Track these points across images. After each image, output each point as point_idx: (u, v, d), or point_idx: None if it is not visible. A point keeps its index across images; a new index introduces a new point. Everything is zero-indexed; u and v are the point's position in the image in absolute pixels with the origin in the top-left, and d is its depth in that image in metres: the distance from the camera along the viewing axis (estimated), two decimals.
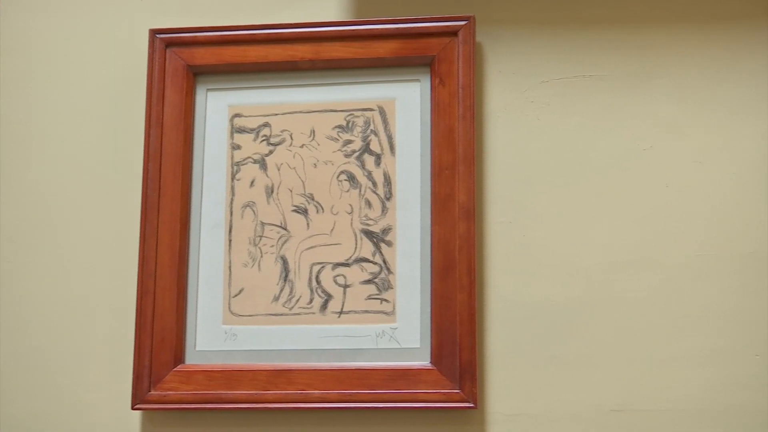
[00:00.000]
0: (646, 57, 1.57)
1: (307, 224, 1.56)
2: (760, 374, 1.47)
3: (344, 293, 1.54)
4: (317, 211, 1.56)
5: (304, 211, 1.56)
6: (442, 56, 1.56)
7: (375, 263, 1.54)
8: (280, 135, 1.59)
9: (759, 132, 1.53)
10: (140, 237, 1.56)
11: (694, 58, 1.56)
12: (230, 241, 1.57)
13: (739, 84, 1.55)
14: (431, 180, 1.54)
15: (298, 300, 1.54)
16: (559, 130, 1.56)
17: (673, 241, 1.51)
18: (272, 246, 1.56)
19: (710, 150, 1.53)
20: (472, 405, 1.47)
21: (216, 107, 1.60)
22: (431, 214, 1.53)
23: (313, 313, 1.54)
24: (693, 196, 1.52)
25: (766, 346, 1.47)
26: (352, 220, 1.55)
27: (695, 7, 1.58)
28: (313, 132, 1.58)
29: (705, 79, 1.55)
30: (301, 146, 1.58)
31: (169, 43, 1.60)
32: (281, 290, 1.55)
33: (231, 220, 1.57)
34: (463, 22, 1.56)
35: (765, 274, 1.49)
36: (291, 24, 1.59)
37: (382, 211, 1.55)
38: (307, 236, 1.56)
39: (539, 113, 1.57)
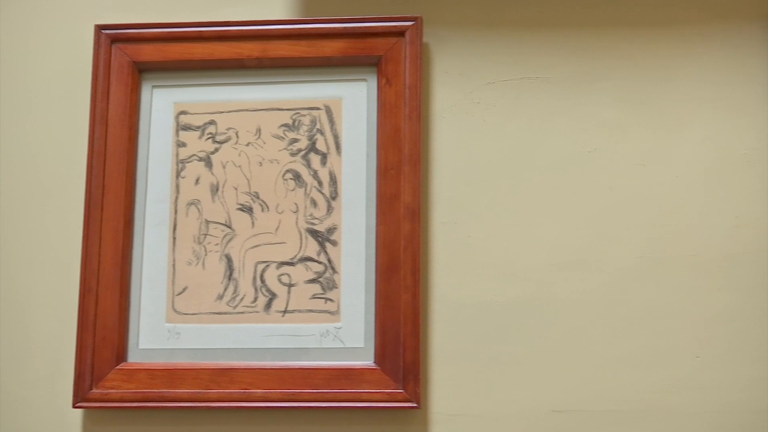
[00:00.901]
0: (591, 60, 1.59)
1: (252, 223, 1.57)
2: (700, 375, 1.50)
3: (289, 292, 1.55)
4: (262, 210, 1.57)
5: (249, 210, 1.57)
6: (389, 56, 1.57)
7: (320, 262, 1.55)
8: (225, 133, 1.59)
9: (700, 135, 1.56)
10: (83, 234, 1.56)
11: (638, 61, 1.59)
12: (174, 239, 1.57)
13: (681, 87, 1.58)
14: (377, 180, 1.55)
15: (242, 299, 1.55)
16: (504, 132, 1.58)
17: (615, 243, 1.54)
18: (217, 244, 1.57)
19: (653, 153, 1.56)
20: (415, 405, 1.48)
21: (161, 104, 1.61)
22: (376, 214, 1.54)
23: (257, 312, 1.54)
24: (636, 199, 1.55)
25: (705, 347, 1.50)
26: (297, 219, 1.57)
27: (639, 11, 1.60)
28: (259, 130, 1.59)
29: (648, 82, 1.58)
30: (247, 144, 1.59)
31: (115, 39, 1.60)
32: (225, 289, 1.55)
33: (175, 218, 1.58)
34: (410, 23, 1.58)
35: (705, 276, 1.52)
36: (238, 22, 1.60)
37: (328, 210, 1.57)
38: (251, 235, 1.57)
39: (485, 114, 1.59)
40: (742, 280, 1.52)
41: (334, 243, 1.55)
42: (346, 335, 1.53)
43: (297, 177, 1.58)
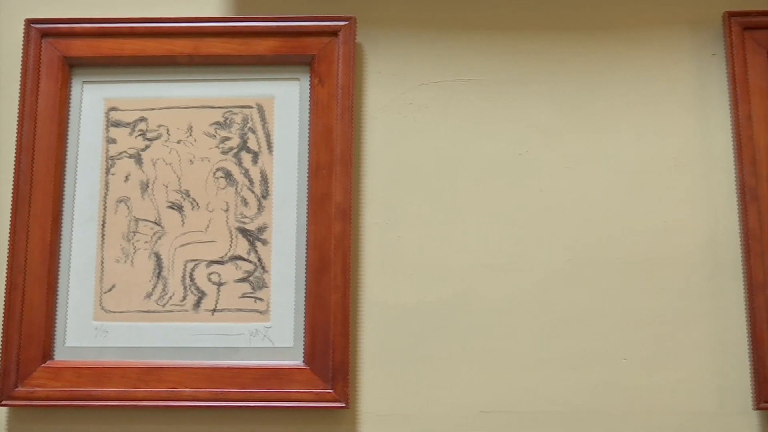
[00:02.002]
0: (523, 63, 1.62)
1: (182, 221, 1.58)
2: (626, 377, 1.52)
3: (218, 291, 1.56)
4: (192, 208, 1.58)
5: (179, 208, 1.58)
6: (321, 56, 1.59)
7: (250, 261, 1.56)
8: (156, 130, 1.60)
9: (629, 139, 1.59)
10: (10, 230, 1.55)
11: (569, 65, 1.62)
12: (103, 236, 1.58)
13: (610, 92, 1.61)
14: (308, 179, 1.57)
15: (171, 297, 1.56)
16: (436, 133, 1.60)
17: (544, 245, 1.57)
18: (146, 242, 1.57)
19: (582, 156, 1.59)
20: (344, 405, 1.50)
21: (92, 100, 1.61)
22: (307, 214, 1.56)
23: (186, 311, 1.55)
24: (565, 202, 1.58)
25: (633, 349, 1.53)
26: (227, 217, 1.58)
27: (570, 16, 1.63)
28: (190, 128, 1.60)
29: (579, 86, 1.61)
30: (178, 142, 1.60)
31: (45, 34, 1.60)
32: (154, 287, 1.56)
33: (104, 215, 1.58)
34: (343, 23, 1.59)
35: (632, 279, 1.55)
36: (170, 18, 1.61)
37: (258, 209, 1.58)
38: (181, 233, 1.57)
39: (417, 115, 1.61)
40: (669, 283, 1.55)
41: (265, 242, 1.57)
42: (275, 335, 1.54)
43: (228, 175, 1.59)
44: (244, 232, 1.57)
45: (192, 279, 1.56)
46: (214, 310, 1.55)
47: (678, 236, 1.56)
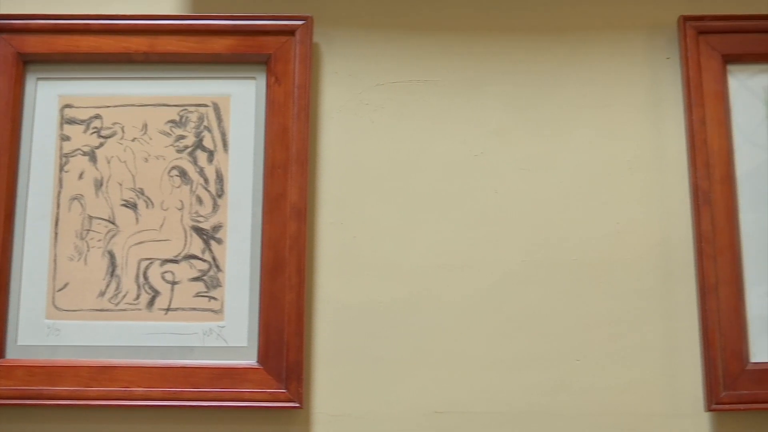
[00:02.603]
0: (479, 64, 1.63)
1: (137, 219, 1.58)
2: (580, 378, 1.54)
3: (172, 290, 1.56)
4: (147, 206, 1.58)
5: (133, 206, 1.58)
6: (278, 55, 1.60)
7: (204, 260, 1.57)
8: (111, 128, 1.60)
9: (584, 141, 1.61)
10: None
11: (525, 66, 1.63)
12: (56, 233, 1.57)
13: (566, 94, 1.62)
14: (264, 179, 1.57)
15: (124, 296, 1.56)
16: (392, 133, 1.61)
17: (498, 246, 1.58)
18: (100, 240, 1.57)
19: (537, 158, 1.61)
20: (297, 405, 1.50)
21: (46, 97, 1.61)
22: (262, 213, 1.56)
23: (140, 310, 1.55)
24: (520, 203, 1.59)
25: (586, 350, 1.55)
26: (182, 216, 1.58)
27: (527, 17, 1.65)
28: (145, 126, 1.60)
29: (535, 88, 1.63)
30: (133, 140, 1.60)
31: (0, 30, 1.60)
32: (107, 285, 1.56)
33: (58, 213, 1.58)
34: (300, 22, 1.60)
35: (586, 280, 1.57)
36: (126, 15, 1.61)
37: (213, 208, 1.58)
38: (135, 231, 1.57)
39: (373, 116, 1.62)
40: (622, 285, 1.56)
41: (219, 241, 1.57)
42: (229, 334, 1.55)
43: (183, 174, 1.59)
44: (199, 231, 1.57)
45: (146, 278, 1.56)
46: (168, 309, 1.55)
47: (631, 238, 1.58)
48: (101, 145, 1.60)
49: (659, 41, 1.64)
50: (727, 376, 1.51)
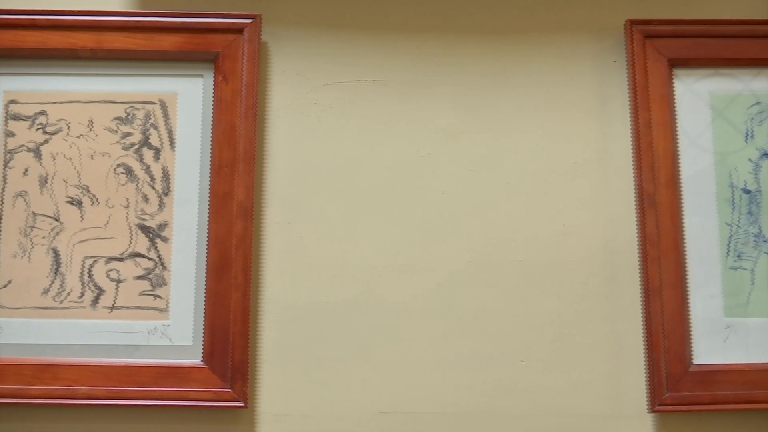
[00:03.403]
0: (428, 65, 1.65)
1: (82, 216, 1.58)
2: (525, 379, 1.56)
3: (117, 288, 1.56)
4: (92, 204, 1.58)
5: (78, 203, 1.58)
6: (226, 53, 1.60)
7: (150, 259, 1.57)
8: (56, 124, 1.60)
9: (531, 143, 1.63)
10: None
11: (473, 68, 1.65)
12: (0, 230, 1.57)
13: (513, 96, 1.64)
14: (210, 177, 1.57)
15: (68, 294, 1.55)
16: (340, 133, 1.62)
17: (445, 246, 1.59)
18: (44, 237, 1.57)
19: (485, 159, 1.62)
20: (242, 404, 1.51)
21: None
22: (209, 212, 1.56)
23: (84, 308, 1.55)
24: (467, 204, 1.61)
25: (531, 351, 1.56)
26: (128, 214, 1.58)
27: (475, 19, 1.66)
28: (91, 122, 1.60)
29: (482, 89, 1.64)
30: (79, 136, 1.60)
31: None
32: (51, 283, 1.56)
33: (1, 210, 1.57)
34: (249, 20, 1.60)
35: (532, 282, 1.58)
36: (73, 11, 1.60)
37: (159, 206, 1.58)
38: (80, 229, 1.57)
39: (321, 115, 1.63)
40: (568, 286, 1.58)
41: (165, 239, 1.57)
42: (174, 333, 1.55)
43: (129, 171, 1.59)
44: (145, 229, 1.58)
45: (90, 275, 1.56)
46: (113, 308, 1.55)
47: (577, 240, 1.60)
48: (46, 141, 1.59)
49: (606, 44, 1.66)
50: (670, 378, 1.53)
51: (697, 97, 1.63)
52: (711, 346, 1.56)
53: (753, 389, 1.53)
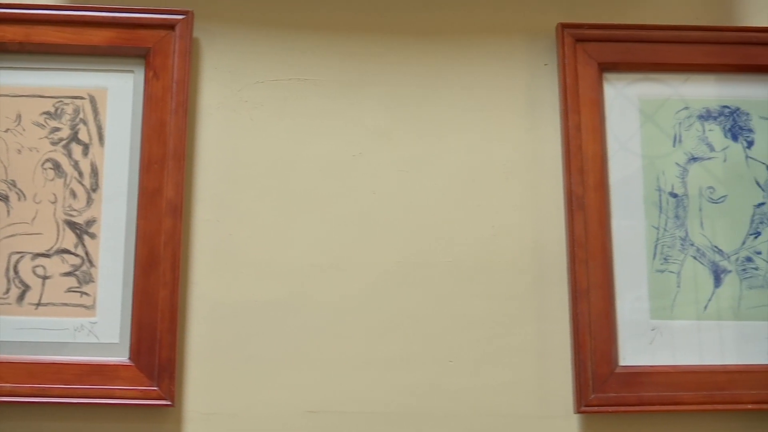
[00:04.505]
0: (360, 64, 1.66)
1: (8, 212, 1.57)
2: (453, 379, 1.57)
3: (43, 285, 1.55)
4: (19, 199, 1.57)
5: (4, 198, 1.57)
6: (157, 49, 1.60)
7: (77, 255, 1.57)
8: None
9: (461, 145, 1.65)
10: None
11: (406, 68, 1.66)
12: None
13: (445, 97, 1.66)
14: (140, 174, 1.58)
15: None
16: (271, 131, 1.63)
17: (375, 246, 1.61)
18: None
19: (416, 160, 1.64)
20: (169, 403, 1.51)
21: None
22: (138, 209, 1.57)
23: (9, 304, 1.54)
24: (397, 204, 1.62)
25: (459, 352, 1.58)
26: (55, 210, 1.58)
27: (409, 19, 1.68)
28: (19, 117, 1.59)
29: (415, 89, 1.66)
30: (6, 131, 1.59)
31: None
32: None
33: None
34: (180, 17, 1.61)
35: (461, 282, 1.60)
36: (2, 4, 1.59)
37: (88, 202, 1.58)
38: (6, 224, 1.57)
39: (252, 113, 1.63)
40: (496, 287, 1.60)
41: (93, 236, 1.57)
42: (101, 330, 1.55)
43: (57, 167, 1.59)
44: (72, 225, 1.57)
45: (16, 272, 1.55)
46: (39, 304, 1.55)
47: (506, 241, 1.62)
48: None
49: (538, 47, 1.69)
50: (596, 379, 1.56)
51: (627, 101, 1.66)
52: (637, 348, 1.59)
53: (678, 391, 1.56)
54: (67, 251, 1.57)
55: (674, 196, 1.64)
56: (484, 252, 1.61)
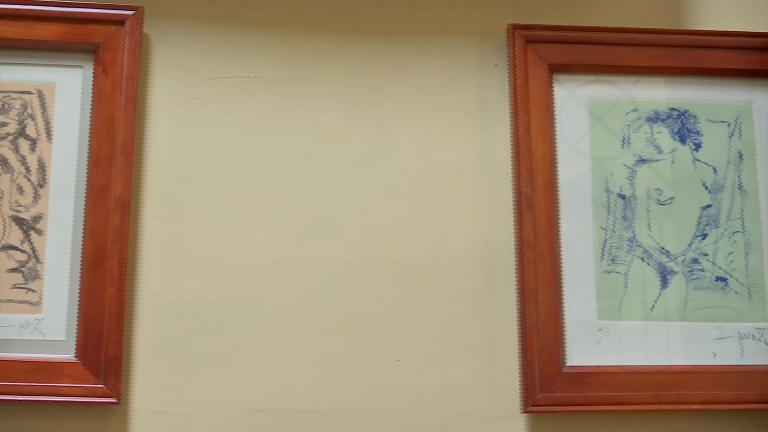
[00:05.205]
0: (312, 63, 1.67)
1: None
2: (401, 378, 1.59)
3: None
4: None
5: None
6: (107, 44, 1.60)
7: (23, 251, 1.56)
8: None
9: (411, 144, 1.66)
10: None
11: (357, 67, 1.67)
12: None
13: (395, 96, 1.67)
14: (88, 170, 1.57)
15: None
16: (221, 129, 1.64)
17: (324, 245, 1.62)
18: None
19: (366, 159, 1.65)
20: (115, 400, 1.51)
21: None
22: (85, 205, 1.56)
23: None
24: (347, 203, 1.63)
25: (408, 351, 1.60)
26: (1, 205, 1.57)
27: (360, 19, 1.69)
28: None
29: (366, 88, 1.67)
30: None
31: None
32: None
33: None
34: (130, 12, 1.61)
35: (410, 282, 1.61)
36: None
37: (35, 198, 1.58)
38: None
39: (202, 110, 1.64)
40: (445, 286, 1.62)
41: (40, 232, 1.57)
42: (47, 327, 1.54)
43: (4, 162, 1.58)
44: (19, 221, 1.57)
45: None
46: None
47: (455, 241, 1.63)
48: None
49: (489, 48, 1.70)
50: (543, 379, 1.57)
51: (577, 102, 1.68)
52: (584, 348, 1.61)
53: (624, 391, 1.58)
54: (13, 247, 1.56)
55: (622, 197, 1.66)
56: (433, 251, 1.63)
